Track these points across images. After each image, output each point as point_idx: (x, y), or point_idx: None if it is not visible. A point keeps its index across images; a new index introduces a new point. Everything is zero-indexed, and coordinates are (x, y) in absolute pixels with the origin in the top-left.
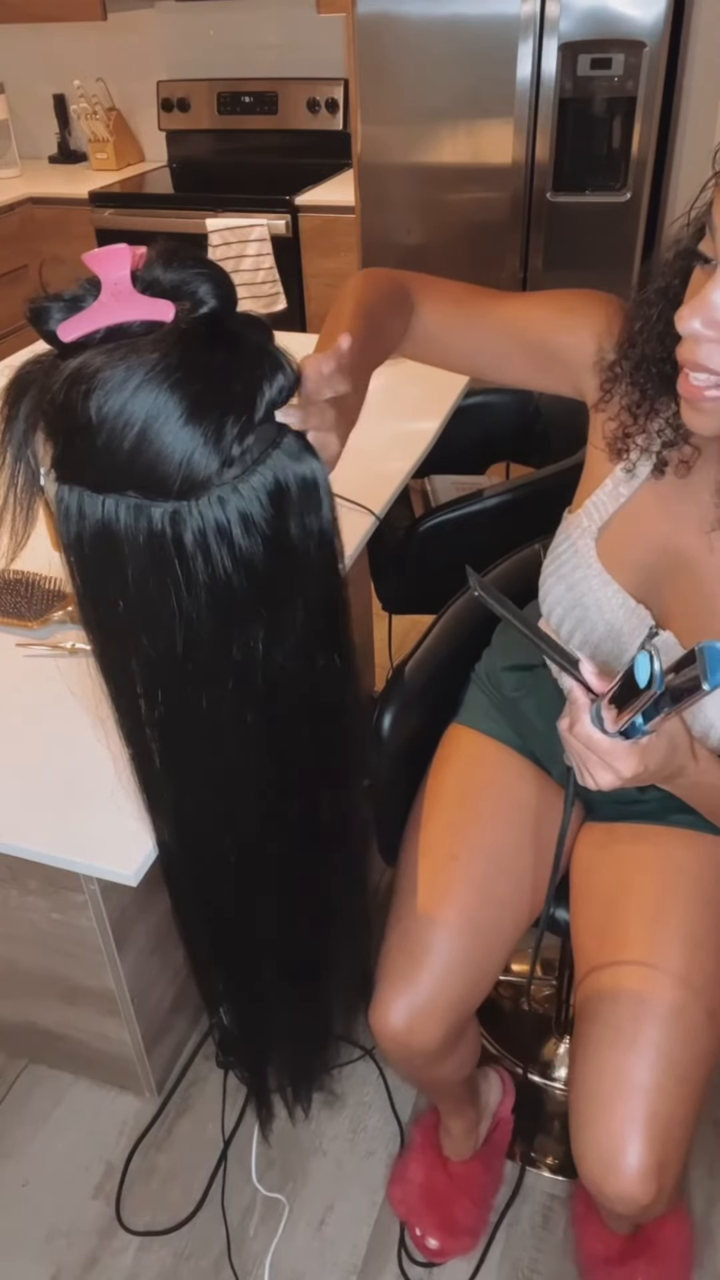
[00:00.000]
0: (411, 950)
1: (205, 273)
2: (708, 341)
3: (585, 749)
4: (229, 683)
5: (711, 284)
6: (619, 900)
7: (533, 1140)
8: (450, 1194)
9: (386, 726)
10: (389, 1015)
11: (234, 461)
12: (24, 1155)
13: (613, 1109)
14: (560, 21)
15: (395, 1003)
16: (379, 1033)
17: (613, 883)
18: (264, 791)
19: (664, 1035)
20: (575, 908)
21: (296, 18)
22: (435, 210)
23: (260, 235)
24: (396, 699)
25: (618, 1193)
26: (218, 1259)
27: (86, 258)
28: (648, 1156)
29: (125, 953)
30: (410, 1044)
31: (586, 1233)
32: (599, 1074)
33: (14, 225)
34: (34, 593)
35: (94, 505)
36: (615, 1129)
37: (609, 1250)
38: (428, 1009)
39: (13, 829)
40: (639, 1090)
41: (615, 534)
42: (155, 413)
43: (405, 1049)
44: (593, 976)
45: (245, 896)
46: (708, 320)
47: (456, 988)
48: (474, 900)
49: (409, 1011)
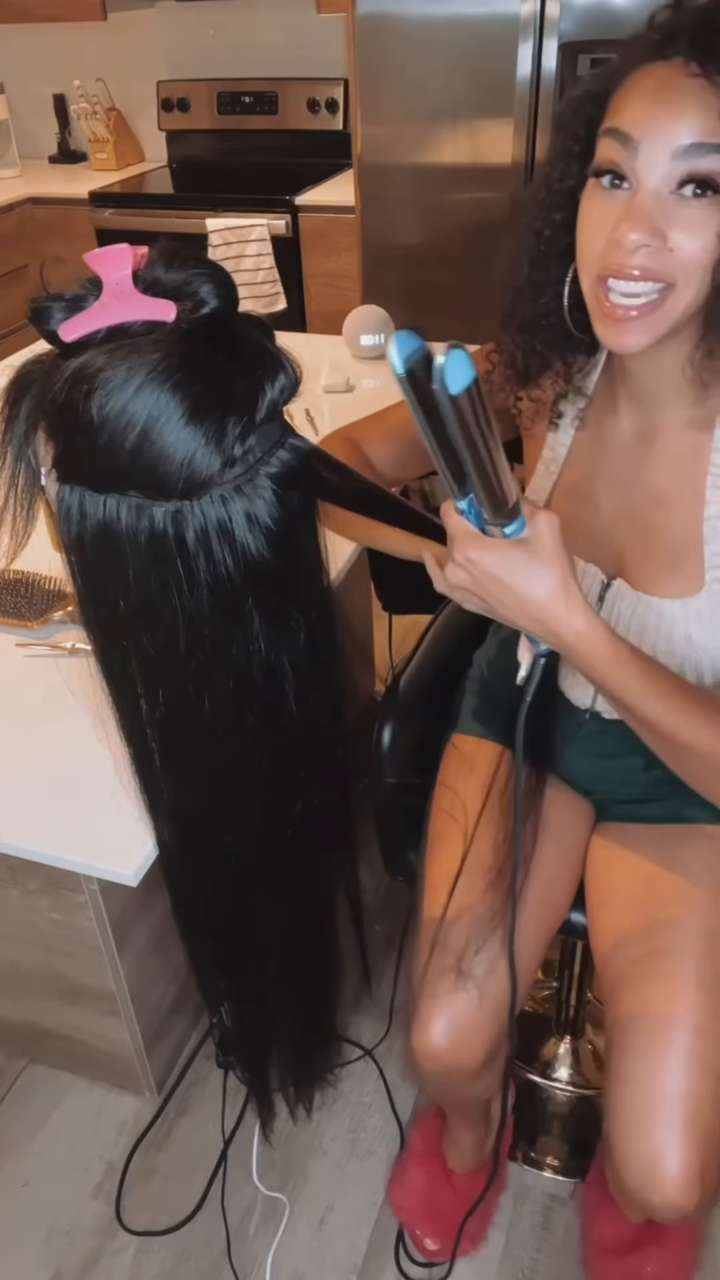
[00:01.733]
0: (449, 966)
1: (207, 273)
2: (645, 249)
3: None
4: (229, 682)
5: (641, 195)
6: (642, 905)
7: (533, 1140)
8: (454, 1206)
9: (386, 740)
10: (432, 1033)
11: (236, 461)
12: (24, 1155)
13: (651, 1118)
14: (560, 21)
15: (437, 1020)
16: (422, 1052)
17: (633, 886)
18: (264, 791)
19: (698, 1041)
20: (594, 911)
21: (296, 18)
22: (435, 210)
23: (260, 235)
24: (394, 712)
25: (662, 1201)
26: (218, 1259)
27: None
28: (689, 1163)
29: (125, 953)
30: (455, 1063)
31: (600, 1221)
32: (635, 1084)
33: (14, 225)
34: (34, 593)
35: (95, 505)
36: (655, 1138)
37: (622, 1238)
38: (472, 1024)
39: (13, 829)
40: (676, 1098)
41: (558, 504)
42: (157, 413)
43: (448, 1069)
44: (621, 985)
45: (245, 896)
46: (651, 230)
47: (497, 999)
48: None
49: (453, 1028)
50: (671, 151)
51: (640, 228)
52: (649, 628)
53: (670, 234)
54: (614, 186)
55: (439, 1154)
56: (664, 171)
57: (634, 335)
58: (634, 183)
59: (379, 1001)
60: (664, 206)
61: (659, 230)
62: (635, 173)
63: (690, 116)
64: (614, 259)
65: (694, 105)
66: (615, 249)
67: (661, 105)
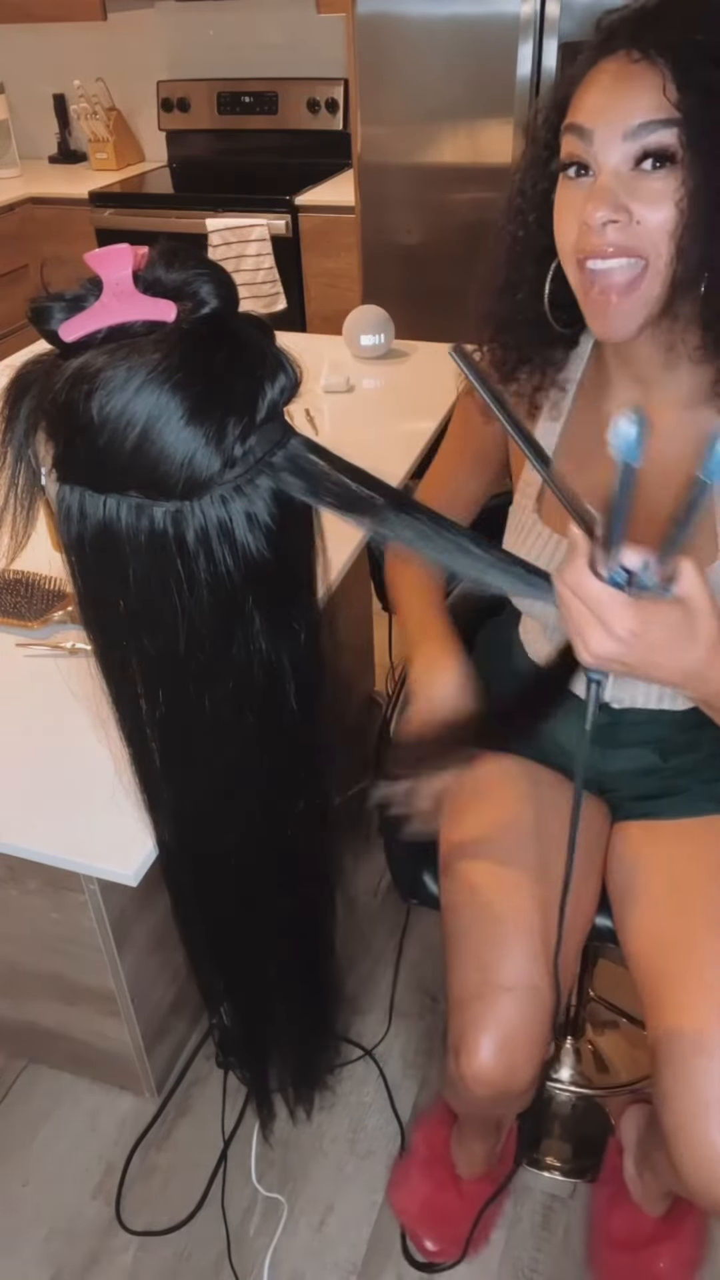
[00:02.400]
0: (491, 988)
1: (207, 273)
2: (613, 225)
3: (573, 597)
4: (229, 682)
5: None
6: (676, 901)
7: (534, 1140)
8: (459, 1212)
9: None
10: (480, 1057)
11: (236, 462)
12: (24, 1155)
13: (709, 1116)
14: (560, 21)
15: (485, 1044)
16: (471, 1078)
17: (660, 883)
18: (264, 791)
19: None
20: (622, 911)
21: (296, 18)
22: (435, 210)
23: (260, 235)
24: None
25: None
26: (218, 1259)
27: (88, 257)
28: None
29: (125, 953)
30: (504, 1085)
31: (613, 1217)
32: (688, 1084)
33: (14, 225)
34: (34, 593)
35: (95, 505)
36: (715, 1136)
37: (638, 1234)
38: (520, 1043)
39: (13, 829)
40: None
41: (552, 498)
42: (157, 413)
43: (497, 1092)
44: (662, 984)
45: (245, 896)
46: (615, 206)
47: (539, 1016)
48: (538, 922)
49: (502, 1049)
50: (624, 133)
51: (604, 205)
52: None
53: (634, 208)
54: (579, 175)
55: (446, 1160)
56: (620, 152)
57: (620, 322)
58: (595, 169)
59: (379, 1002)
60: (625, 183)
61: (623, 206)
62: (595, 159)
63: (636, 98)
64: (586, 240)
65: (639, 88)
66: (586, 231)
67: (610, 94)
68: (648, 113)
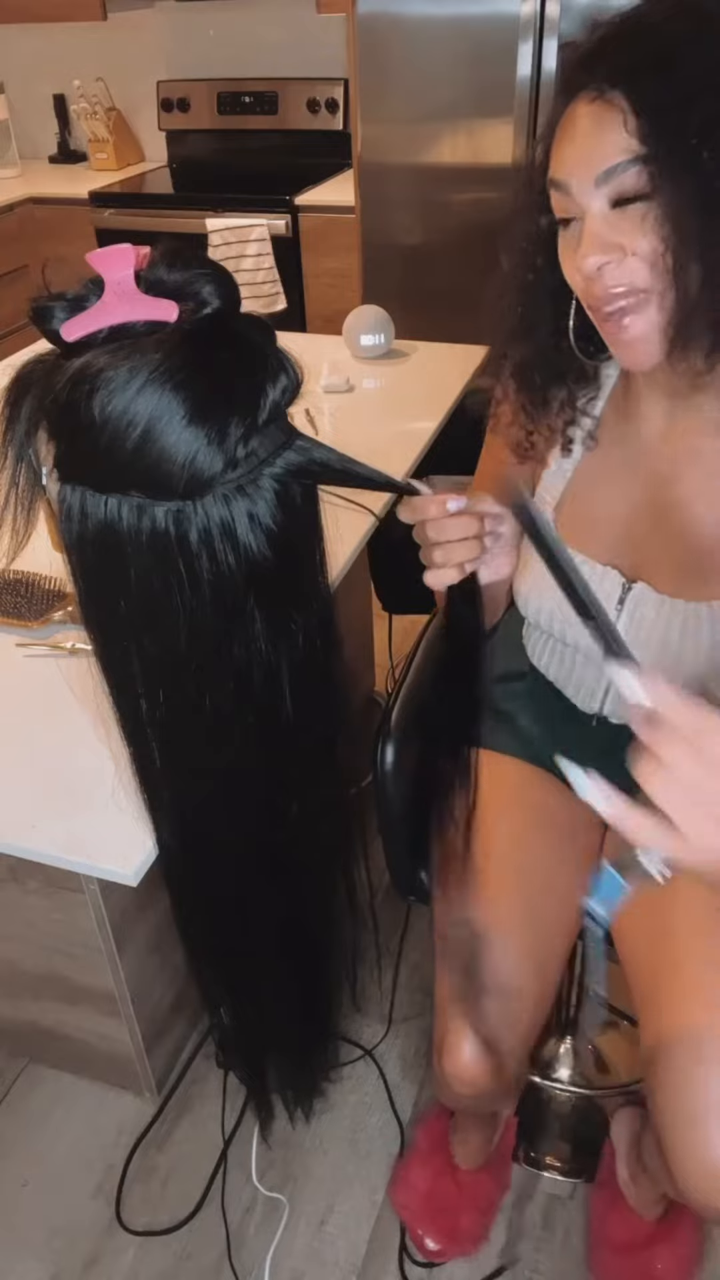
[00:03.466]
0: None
1: (209, 273)
2: (609, 266)
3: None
4: (230, 682)
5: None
6: (664, 903)
7: (534, 1140)
8: (458, 1204)
9: (389, 763)
10: (462, 1057)
11: (239, 463)
12: (24, 1155)
13: (708, 1126)
14: (560, 21)
15: (467, 1044)
16: (453, 1077)
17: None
18: (264, 791)
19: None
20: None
21: (296, 18)
22: (435, 210)
23: (260, 235)
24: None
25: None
26: (218, 1259)
27: (90, 257)
28: None
29: (125, 953)
30: (485, 1086)
31: (611, 1220)
32: (686, 1094)
33: (14, 225)
34: (34, 593)
35: (96, 505)
36: (715, 1146)
37: (635, 1236)
38: (503, 1045)
39: (13, 829)
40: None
41: (572, 508)
42: (159, 413)
43: (479, 1091)
44: (655, 987)
45: (245, 896)
46: (605, 248)
47: (525, 1018)
48: (526, 924)
49: (483, 1051)
50: (594, 180)
51: (594, 251)
52: (674, 631)
53: (625, 243)
54: (569, 226)
55: (445, 1150)
56: (598, 199)
57: (641, 351)
58: (581, 216)
59: (378, 1002)
60: (611, 222)
61: (614, 245)
62: (577, 209)
63: (600, 140)
64: (591, 290)
65: (599, 130)
66: (587, 281)
67: (574, 144)
68: (614, 154)
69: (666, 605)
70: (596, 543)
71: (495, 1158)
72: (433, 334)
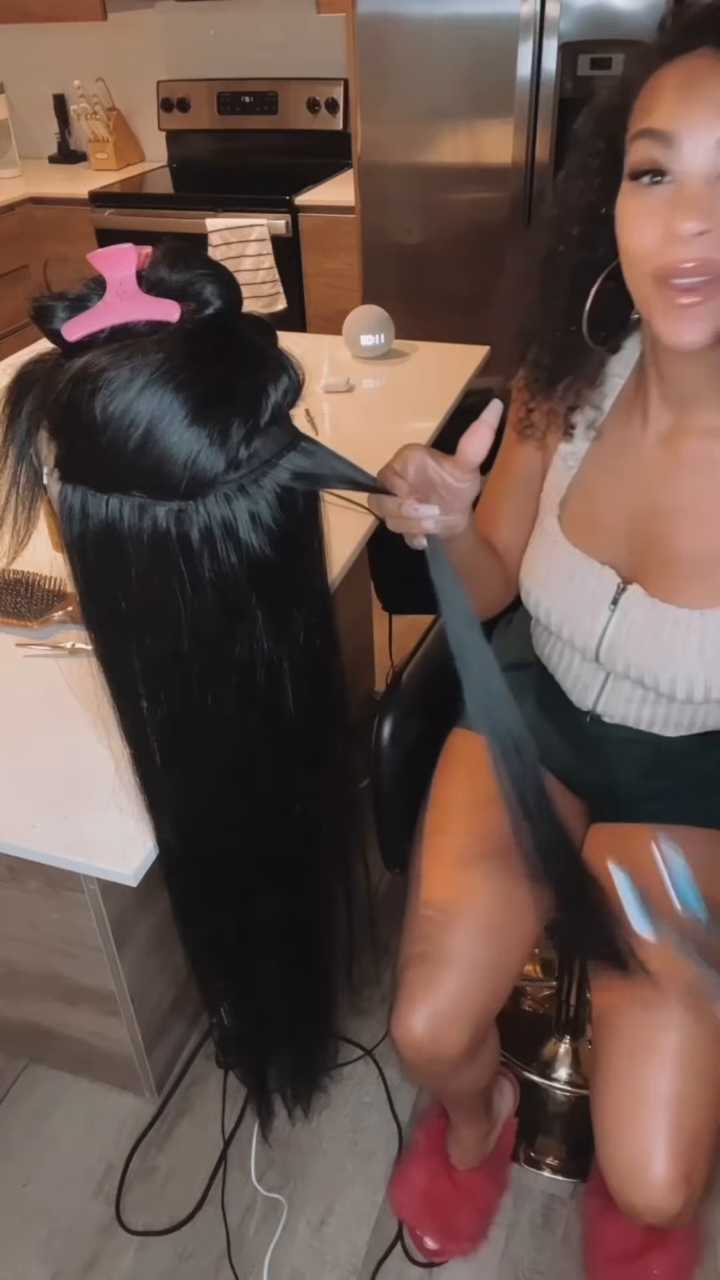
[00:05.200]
0: (432, 957)
1: (211, 274)
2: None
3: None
4: (231, 681)
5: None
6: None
7: (533, 1140)
8: (455, 1203)
9: (387, 734)
10: (412, 1023)
11: (241, 464)
12: (24, 1155)
13: (637, 1121)
14: (560, 21)
15: (418, 1010)
16: (402, 1042)
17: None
18: (265, 790)
19: (684, 1044)
20: None
21: (296, 18)
22: (435, 210)
23: (260, 235)
24: (395, 706)
25: (646, 1204)
26: (218, 1259)
27: (92, 257)
28: (674, 1167)
29: (125, 953)
30: (434, 1053)
31: (604, 1228)
32: (621, 1086)
33: (14, 225)
34: (34, 593)
35: (98, 505)
36: (641, 1141)
37: (628, 1245)
38: (451, 1015)
39: (13, 829)
40: (662, 1101)
41: (577, 503)
42: (160, 413)
43: (429, 1058)
44: (609, 987)
45: (245, 896)
46: (708, 215)
47: (479, 993)
48: (492, 904)
49: (432, 1019)
50: (716, 141)
51: (695, 215)
52: (663, 636)
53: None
54: (654, 183)
55: (441, 1150)
56: (707, 162)
57: (692, 330)
58: (678, 177)
59: (379, 1002)
60: (714, 192)
61: (713, 216)
62: (679, 165)
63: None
64: (671, 252)
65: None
66: (672, 241)
67: (695, 99)
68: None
69: (657, 610)
70: (597, 541)
71: (493, 1157)
72: (433, 334)
